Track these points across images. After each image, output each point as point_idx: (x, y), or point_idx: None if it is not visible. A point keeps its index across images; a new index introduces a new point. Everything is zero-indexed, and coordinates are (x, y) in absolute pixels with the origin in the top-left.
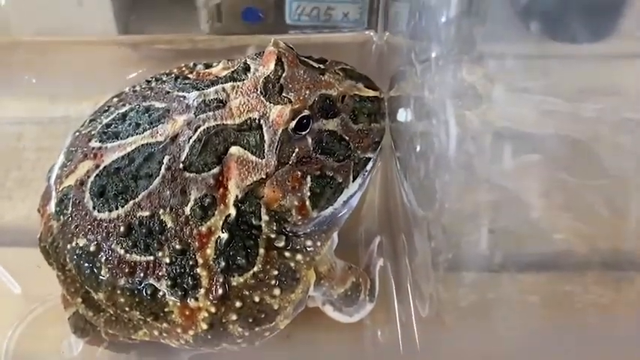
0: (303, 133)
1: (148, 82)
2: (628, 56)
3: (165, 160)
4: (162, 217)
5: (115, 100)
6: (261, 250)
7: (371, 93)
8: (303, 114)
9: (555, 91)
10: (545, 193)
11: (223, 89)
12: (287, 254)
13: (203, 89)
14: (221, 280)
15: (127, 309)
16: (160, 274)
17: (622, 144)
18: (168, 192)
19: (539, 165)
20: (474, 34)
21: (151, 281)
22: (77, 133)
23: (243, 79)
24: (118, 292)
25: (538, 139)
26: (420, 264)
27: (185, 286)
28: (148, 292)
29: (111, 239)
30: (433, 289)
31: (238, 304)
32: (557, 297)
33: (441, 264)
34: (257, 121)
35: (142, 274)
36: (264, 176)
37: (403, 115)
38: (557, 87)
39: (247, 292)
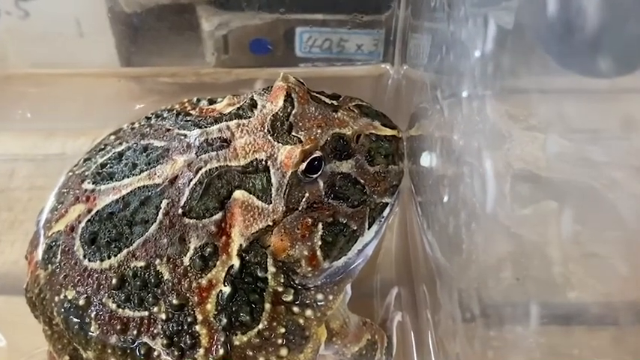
0: (315, 176)
1: (148, 118)
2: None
3: (163, 205)
4: (158, 267)
5: (112, 137)
6: (267, 306)
7: (388, 132)
8: (315, 155)
9: (564, 130)
10: (559, 244)
11: (227, 127)
12: (296, 309)
13: (205, 127)
14: (222, 338)
15: None
16: (154, 331)
17: (638, 192)
18: (165, 240)
19: (554, 213)
20: (516, 72)
21: (145, 339)
22: (70, 173)
23: (249, 117)
24: (109, 350)
25: (553, 184)
26: (445, 318)
27: (182, 345)
28: (142, 352)
29: (102, 292)
30: (460, 348)
31: None
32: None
33: (471, 321)
34: (264, 162)
35: (135, 332)
36: (271, 223)
37: (427, 158)
38: (565, 126)
39: (251, 353)
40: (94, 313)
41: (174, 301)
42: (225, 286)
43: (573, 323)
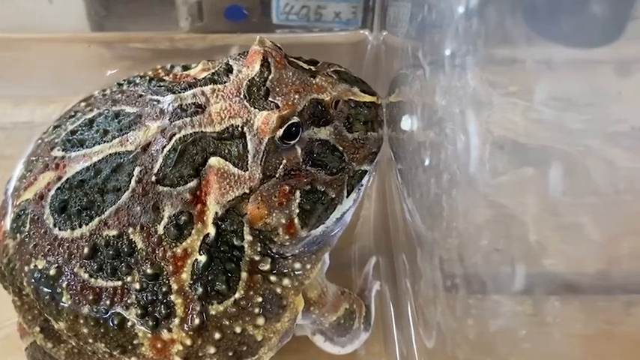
0: (292, 142)
1: (120, 84)
2: (623, 62)
3: (135, 172)
4: (131, 236)
5: (83, 104)
6: (244, 275)
7: (367, 98)
8: (292, 121)
9: (542, 98)
10: (536, 212)
11: (202, 92)
12: (273, 279)
13: (179, 92)
14: (198, 308)
15: (90, 340)
16: (128, 301)
17: (612, 159)
18: (138, 208)
19: (531, 180)
20: (505, 27)
21: (119, 310)
22: (39, 141)
23: (225, 82)
24: (81, 321)
25: (531, 150)
26: (425, 287)
27: (157, 315)
28: (115, 322)
29: (73, 261)
30: (441, 317)
31: (217, 335)
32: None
33: (452, 288)
34: (240, 128)
35: (108, 302)
36: (247, 191)
37: (407, 122)
38: (541, 94)
39: (227, 322)
40: (66, 283)
41: (149, 271)
42: (201, 254)
43: (548, 291)
